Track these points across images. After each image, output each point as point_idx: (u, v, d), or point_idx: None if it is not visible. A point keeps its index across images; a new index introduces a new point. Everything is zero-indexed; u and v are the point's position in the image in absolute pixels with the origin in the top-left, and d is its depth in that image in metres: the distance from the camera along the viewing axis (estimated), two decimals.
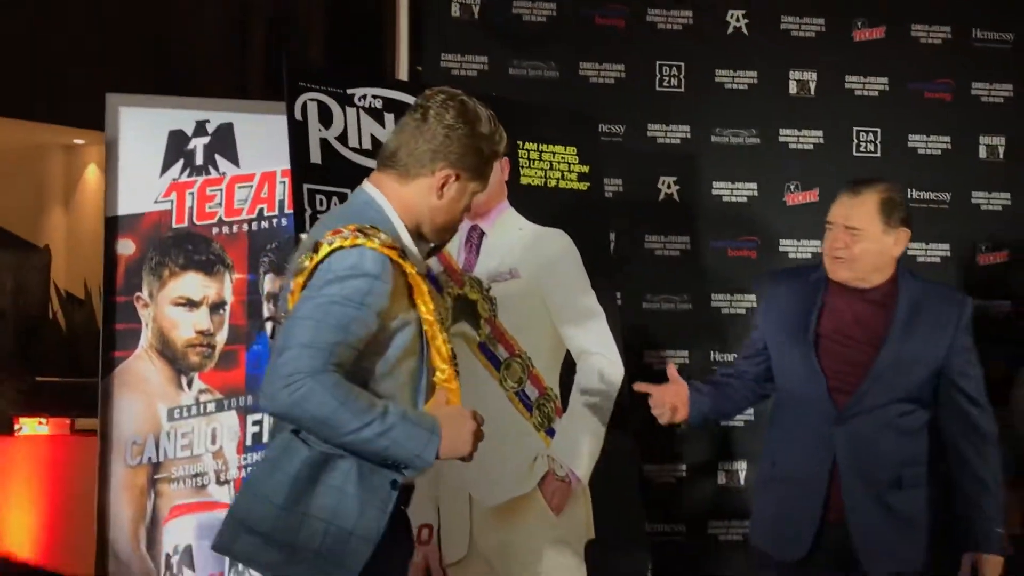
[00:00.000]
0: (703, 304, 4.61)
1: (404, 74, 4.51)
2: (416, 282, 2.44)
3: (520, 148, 3.91)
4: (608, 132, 4.53)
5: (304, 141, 3.49)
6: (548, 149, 3.99)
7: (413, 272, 2.43)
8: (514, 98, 4.20)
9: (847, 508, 3.06)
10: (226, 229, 4.05)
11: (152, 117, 4.03)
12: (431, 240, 2.59)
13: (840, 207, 3.12)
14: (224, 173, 4.06)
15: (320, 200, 3.44)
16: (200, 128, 4.05)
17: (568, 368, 3.81)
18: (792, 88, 4.70)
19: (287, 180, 3.88)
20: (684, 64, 4.65)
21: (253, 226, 4.08)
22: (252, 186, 4.07)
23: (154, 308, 3.97)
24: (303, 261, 2.41)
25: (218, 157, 4.06)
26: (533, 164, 3.95)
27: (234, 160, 4.07)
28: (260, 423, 3.99)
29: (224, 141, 4.06)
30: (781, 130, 4.68)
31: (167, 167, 4.02)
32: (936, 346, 3.09)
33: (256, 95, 4.86)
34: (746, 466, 4.55)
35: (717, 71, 4.66)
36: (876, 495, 3.07)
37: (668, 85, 4.66)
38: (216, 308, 4.03)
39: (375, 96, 3.67)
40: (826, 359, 3.10)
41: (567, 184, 4.01)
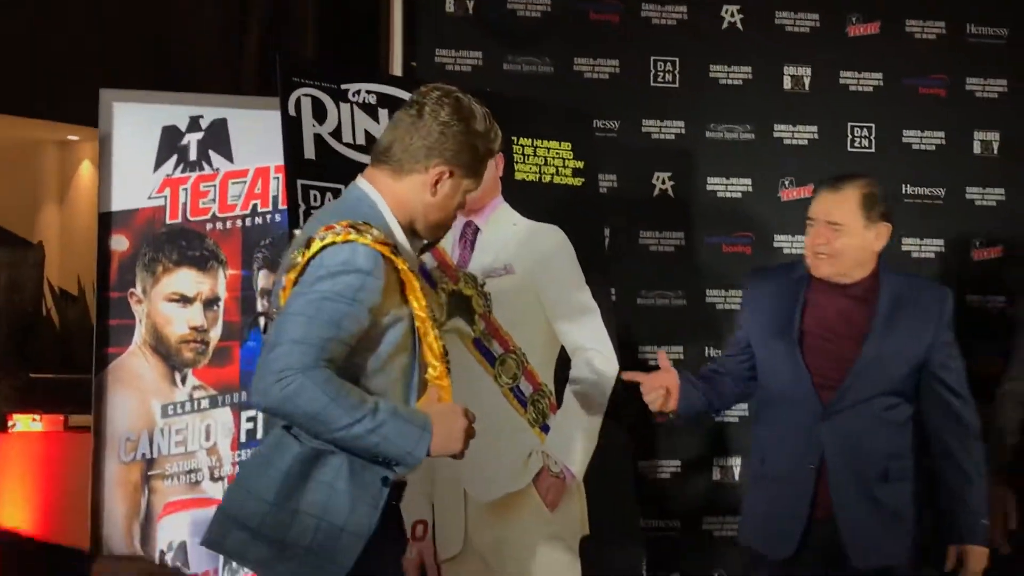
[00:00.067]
0: (698, 300, 4.61)
1: (398, 69, 4.51)
2: (408, 278, 2.44)
3: (515, 144, 3.91)
4: (603, 128, 4.52)
5: (298, 136, 3.48)
6: (543, 145, 3.98)
7: (405, 268, 2.43)
8: (509, 94, 4.20)
9: (835, 504, 3.08)
10: (220, 225, 4.05)
11: (146, 113, 4.02)
12: (424, 237, 2.59)
13: (821, 203, 3.14)
14: (218, 169, 4.05)
15: (314, 196, 3.43)
16: (194, 124, 4.04)
17: (563, 364, 3.81)
18: (787, 84, 4.70)
19: (281, 176, 3.88)
20: (679, 59, 4.65)
21: (247, 222, 4.07)
22: (246, 182, 4.07)
23: (148, 304, 3.97)
24: (295, 257, 2.41)
25: (212, 153, 4.05)
26: (528, 160, 3.94)
27: (228, 156, 4.06)
28: (254, 419, 3.98)
29: (218, 137, 4.05)
30: (776, 126, 4.68)
31: (161, 163, 4.01)
32: (918, 339, 3.11)
33: (250, 90, 4.84)
34: (740, 462, 4.55)
35: (712, 66, 4.66)
36: (864, 489, 3.09)
37: (663, 81, 4.65)
38: (210, 304, 4.03)
39: (369, 91, 3.66)
40: (810, 356, 3.12)
41: (561, 180, 4.01)
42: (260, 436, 3.82)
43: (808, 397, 3.11)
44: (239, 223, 4.06)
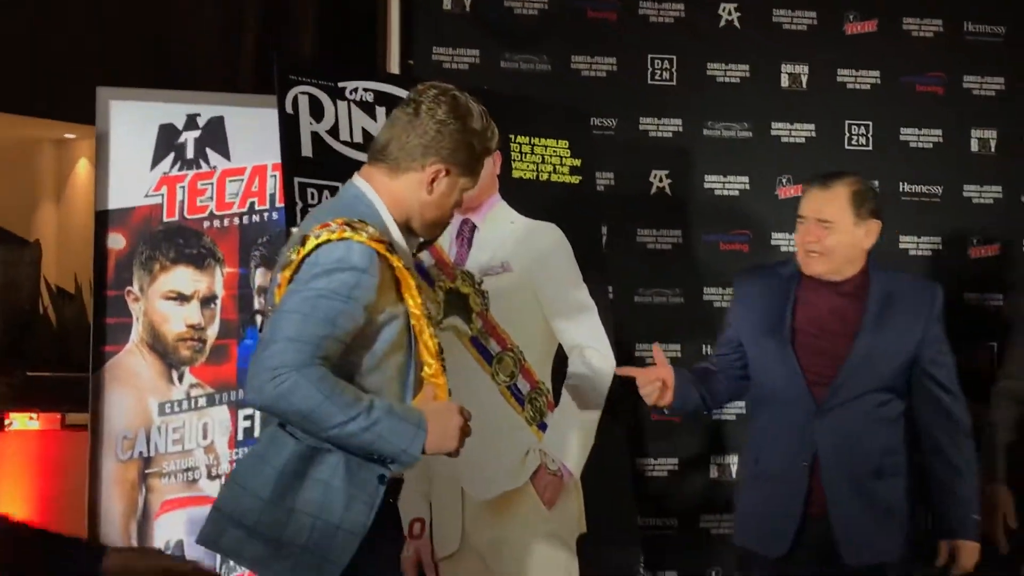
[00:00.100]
0: (695, 298, 4.61)
1: (395, 67, 4.50)
2: (404, 276, 2.43)
3: (512, 141, 3.91)
4: (600, 126, 4.52)
5: (295, 134, 3.48)
6: (540, 143, 3.98)
7: (401, 266, 2.42)
8: (506, 92, 4.20)
9: (829, 501, 3.09)
10: (217, 223, 4.04)
11: (143, 110, 4.01)
12: (421, 235, 2.59)
13: (811, 201, 3.15)
14: (215, 167, 4.04)
15: (311, 194, 3.44)
16: (191, 122, 4.04)
17: (560, 362, 3.81)
18: (784, 81, 4.70)
19: (278, 174, 3.87)
20: (676, 57, 4.65)
21: (244, 220, 4.07)
22: (243, 180, 4.06)
23: (145, 302, 3.96)
24: (290, 254, 2.41)
25: (209, 151, 4.04)
26: (525, 157, 3.94)
27: (225, 154, 4.06)
28: (251, 417, 3.98)
29: (215, 135, 4.05)
30: (773, 123, 4.68)
31: (157, 161, 4.00)
32: (909, 336, 3.12)
33: (247, 88, 4.84)
34: (738, 460, 4.53)
35: (709, 64, 4.66)
36: (857, 486, 3.09)
37: (660, 78, 4.65)
38: (207, 302, 4.02)
39: (366, 89, 3.66)
40: (803, 353, 3.13)
41: (559, 178, 4.01)
42: (257, 434, 3.83)
43: (801, 395, 3.11)
44: (236, 221, 4.06)
